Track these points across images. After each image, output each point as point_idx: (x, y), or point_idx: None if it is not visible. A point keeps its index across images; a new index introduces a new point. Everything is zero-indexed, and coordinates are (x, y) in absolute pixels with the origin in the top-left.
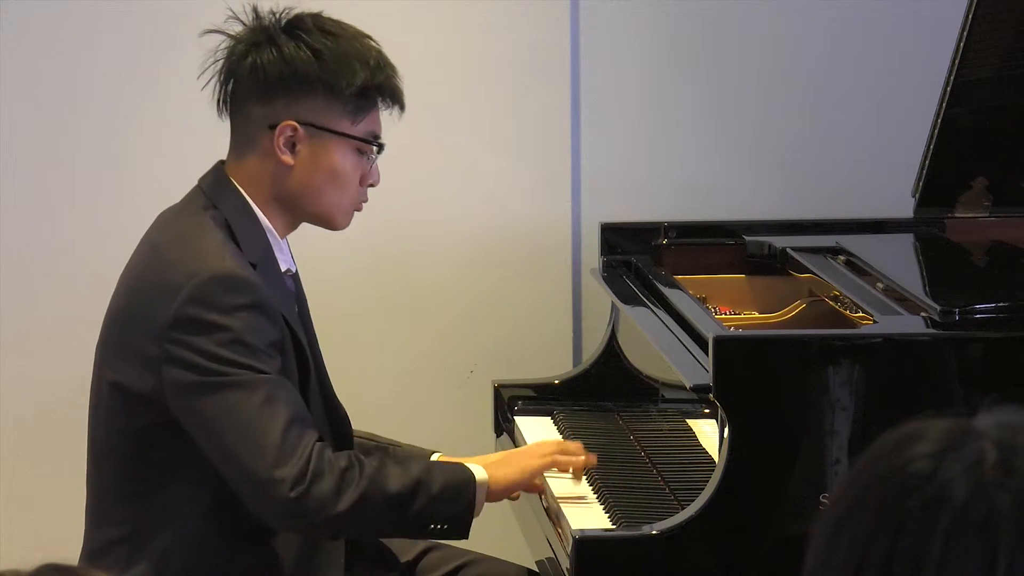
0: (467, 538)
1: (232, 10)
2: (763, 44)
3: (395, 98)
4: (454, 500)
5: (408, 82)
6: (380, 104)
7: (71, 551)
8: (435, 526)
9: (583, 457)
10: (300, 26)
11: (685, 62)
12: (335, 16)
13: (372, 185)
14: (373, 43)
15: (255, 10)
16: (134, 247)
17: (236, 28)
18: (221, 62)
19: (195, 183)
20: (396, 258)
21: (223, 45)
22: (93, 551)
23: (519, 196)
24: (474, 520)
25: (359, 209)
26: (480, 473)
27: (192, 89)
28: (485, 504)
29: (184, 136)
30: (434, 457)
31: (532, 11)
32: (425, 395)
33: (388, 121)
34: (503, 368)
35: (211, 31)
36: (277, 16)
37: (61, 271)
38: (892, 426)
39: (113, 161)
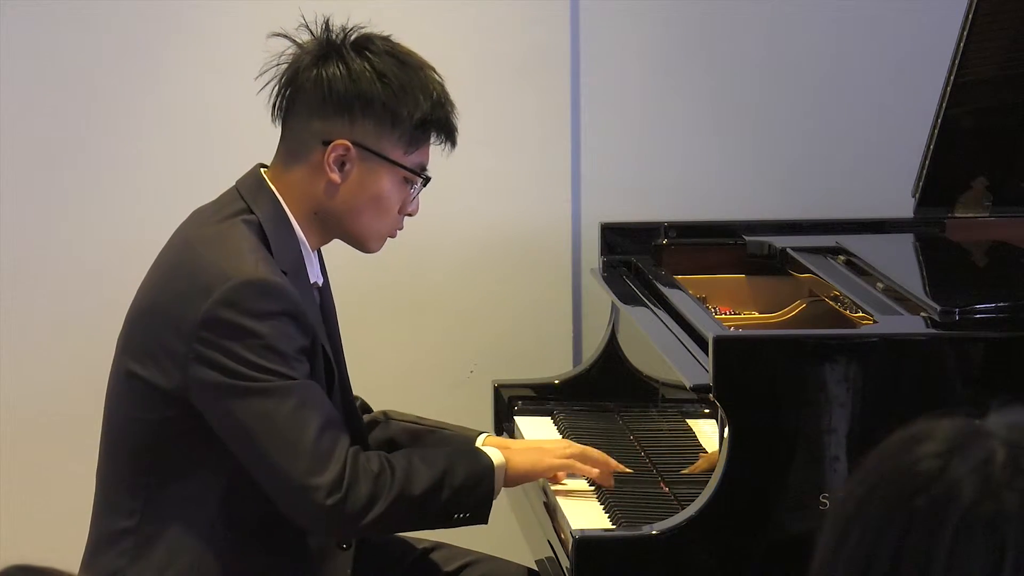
0: (487, 523)
1: (304, 19)
2: (763, 44)
3: (449, 135)
4: (475, 489)
5: None
6: (434, 138)
7: (70, 550)
8: (459, 515)
9: (598, 471)
10: (369, 47)
11: (685, 62)
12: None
13: (410, 215)
14: (437, 76)
15: (327, 23)
16: (135, 246)
17: (304, 36)
18: (284, 68)
19: (196, 183)
20: (396, 257)
21: (288, 50)
22: (99, 540)
23: (519, 196)
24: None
25: (393, 236)
26: (498, 458)
27: (194, 90)
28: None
29: (186, 137)
30: (480, 439)
31: (532, 11)
32: (425, 395)
33: None
34: (503, 368)
35: (278, 34)
36: (347, 32)
37: (62, 271)
38: (892, 426)
39: (113, 161)
